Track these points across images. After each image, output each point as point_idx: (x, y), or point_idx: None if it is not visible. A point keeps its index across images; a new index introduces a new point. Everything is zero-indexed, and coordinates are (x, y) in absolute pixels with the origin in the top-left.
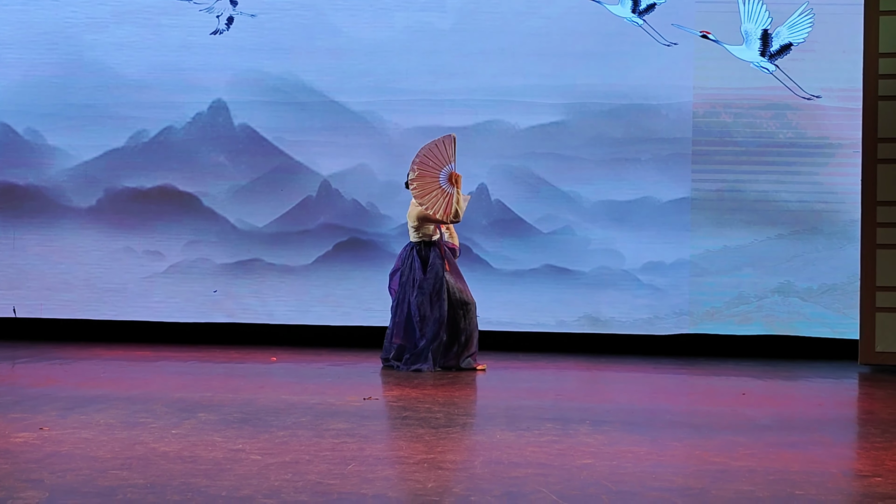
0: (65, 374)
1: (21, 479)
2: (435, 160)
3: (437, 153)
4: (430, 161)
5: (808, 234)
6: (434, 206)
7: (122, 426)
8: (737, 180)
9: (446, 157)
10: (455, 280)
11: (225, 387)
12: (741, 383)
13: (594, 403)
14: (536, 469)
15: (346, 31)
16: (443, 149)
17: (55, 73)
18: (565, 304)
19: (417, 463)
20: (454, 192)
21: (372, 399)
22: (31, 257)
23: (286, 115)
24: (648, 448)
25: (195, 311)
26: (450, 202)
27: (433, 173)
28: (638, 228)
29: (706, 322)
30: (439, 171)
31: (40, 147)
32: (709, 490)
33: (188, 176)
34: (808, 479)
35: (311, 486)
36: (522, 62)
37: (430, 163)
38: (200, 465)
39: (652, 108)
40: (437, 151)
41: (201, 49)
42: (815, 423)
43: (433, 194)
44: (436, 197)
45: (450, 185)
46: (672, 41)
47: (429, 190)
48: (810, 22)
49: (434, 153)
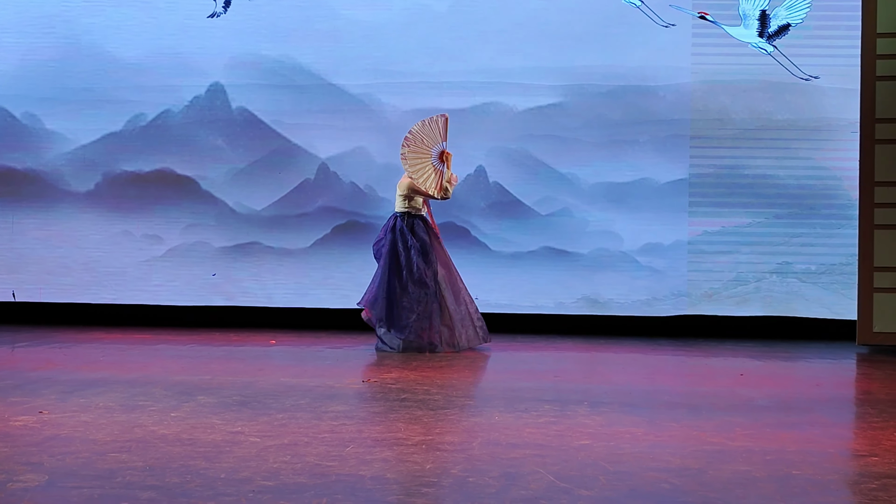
0: (64, 358)
1: (21, 463)
2: (427, 137)
3: (430, 131)
4: (423, 137)
5: (806, 214)
6: (426, 183)
7: (122, 409)
8: (735, 161)
9: (438, 136)
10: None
11: (224, 370)
12: (739, 364)
13: (592, 385)
14: (534, 450)
15: (344, 14)
16: (435, 127)
17: (52, 56)
18: (564, 285)
19: (415, 444)
20: (444, 169)
21: (371, 381)
22: (30, 241)
23: (284, 97)
24: (646, 429)
25: (194, 294)
26: (440, 179)
27: (425, 150)
28: (636, 210)
29: (704, 303)
30: (430, 149)
31: (38, 131)
32: (706, 470)
33: (186, 159)
34: (805, 459)
35: (309, 467)
36: (520, 44)
37: (423, 139)
38: (199, 448)
39: (650, 89)
40: (429, 129)
41: (199, 32)
42: (813, 403)
43: (425, 170)
44: (427, 173)
45: (440, 163)
46: (670, 22)
47: (421, 166)
48: (808, 2)
49: (426, 131)
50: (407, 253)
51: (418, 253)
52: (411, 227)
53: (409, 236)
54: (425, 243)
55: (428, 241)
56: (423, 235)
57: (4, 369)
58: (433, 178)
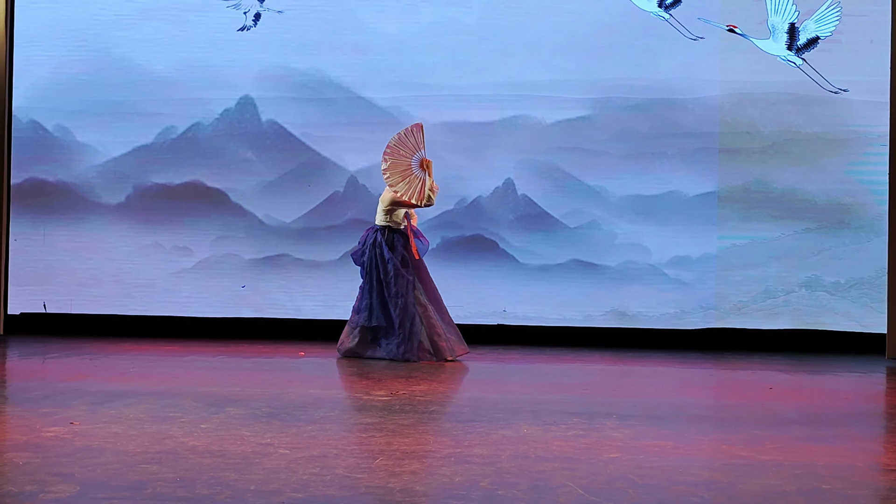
0: (94, 369)
1: (52, 473)
2: (405, 148)
3: (407, 141)
4: (401, 149)
5: (835, 227)
6: (409, 192)
7: (152, 421)
8: (763, 174)
9: (416, 145)
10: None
11: (253, 381)
12: (768, 377)
13: (620, 398)
14: (563, 463)
15: (372, 27)
16: (412, 137)
17: (84, 70)
18: (592, 298)
19: (444, 457)
20: (426, 177)
21: (399, 394)
22: (61, 253)
23: (313, 110)
24: (675, 442)
25: (223, 306)
26: (423, 187)
27: (405, 160)
28: (664, 223)
29: (733, 316)
30: (411, 158)
31: (69, 144)
32: (735, 484)
33: (216, 172)
34: (834, 473)
35: (338, 479)
36: (548, 57)
37: (401, 151)
38: (229, 460)
39: (678, 102)
40: (406, 140)
41: (229, 45)
42: (843, 417)
43: (406, 180)
44: (409, 182)
45: (421, 171)
46: (698, 35)
47: (403, 176)
48: (837, 15)
49: (403, 141)
50: (385, 267)
51: (397, 268)
52: (391, 241)
53: (387, 251)
54: (404, 258)
55: (407, 255)
56: (401, 250)
57: (35, 380)
58: (416, 186)
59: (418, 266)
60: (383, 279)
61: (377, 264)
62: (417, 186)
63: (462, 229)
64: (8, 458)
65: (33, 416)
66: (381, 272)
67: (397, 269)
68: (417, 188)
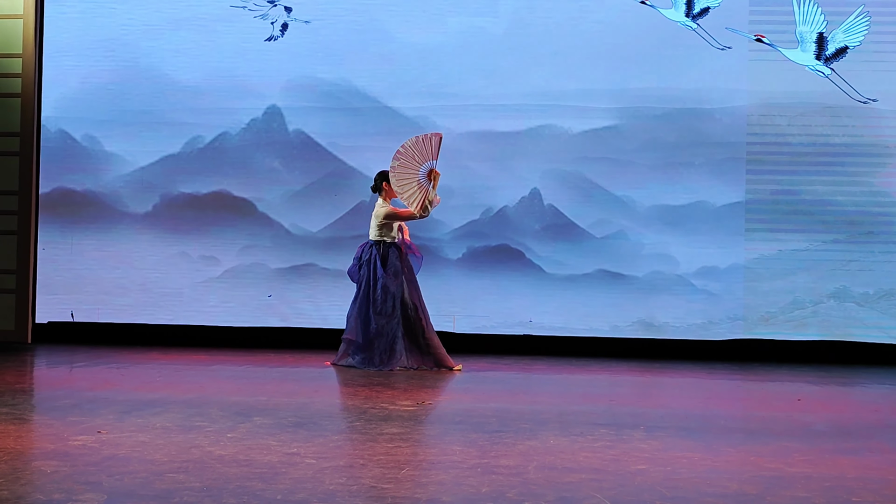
0: (122, 378)
1: (80, 482)
2: (419, 154)
3: (422, 148)
4: (415, 154)
5: (864, 238)
6: (410, 198)
7: (179, 430)
8: (792, 185)
9: (431, 154)
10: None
11: (279, 391)
12: (796, 389)
13: (648, 409)
14: (590, 474)
15: (399, 37)
16: (429, 144)
17: (112, 79)
18: (619, 308)
19: (471, 468)
20: (430, 188)
21: (425, 404)
22: (88, 262)
23: (340, 120)
24: (703, 454)
25: (250, 315)
26: (423, 197)
27: (416, 165)
28: (692, 233)
29: (761, 327)
30: (421, 165)
31: (97, 153)
32: (764, 496)
33: (243, 181)
34: (864, 486)
35: (365, 490)
36: (575, 66)
37: (415, 156)
38: (256, 469)
39: (706, 112)
40: (421, 146)
41: (256, 55)
42: (872, 429)
43: (411, 186)
44: (412, 189)
45: (427, 181)
46: (726, 45)
47: (407, 180)
48: (866, 25)
49: (419, 147)
50: (376, 284)
51: (385, 287)
52: (385, 256)
53: (380, 269)
54: (398, 271)
55: (400, 268)
56: (396, 262)
57: (63, 389)
58: (417, 194)
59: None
60: (371, 296)
61: (369, 279)
62: (418, 195)
63: (488, 239)
64: (36, 466)
65: (61, 424)
66: (370, 289)
67: (386, 287)
68: (418, 197)
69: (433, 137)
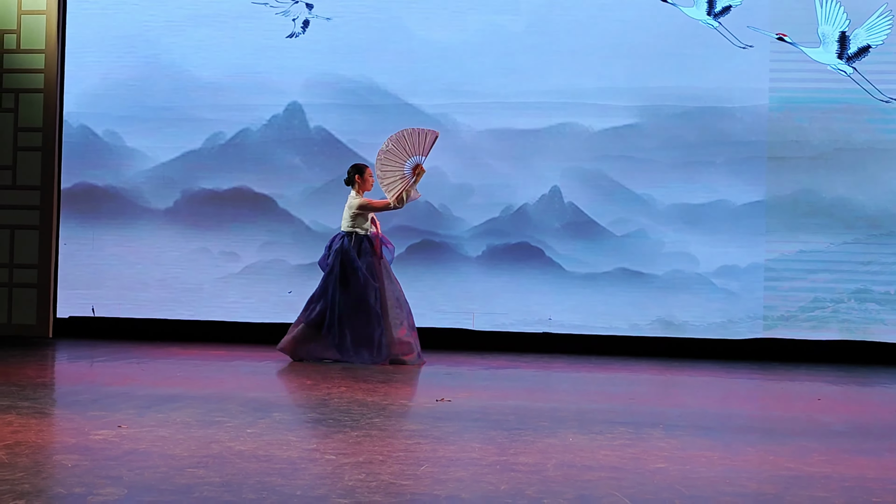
0: (142, 373)
1: (100, 476)
2: (411, 146)
3: (416, 140)
4: (407, 144)
5: (885, 238)
6: (389, 186)
7: (199, 425)
8: (813, 184)
9: (422, 149)
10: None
11: (299, 386)
12: (816, 388)
13: (667, 407)
14: (609, 472)
15: (420, 34)
16: (423, 139)
17: (133, 75)
18: (638, 307)
19: (490, 465)
20: (412, 182)
21: (445, 401)
22: (109, 257)
23: (360, 117)
24: (722, 453)
25: (269, 311)
26: (403, 189)
27: (403, 156)
28: (712, 232)
29: (781, 326)
30: (409, 158)
31: (119, 149)
32: (783, 496)
33: (264, 178)
34: (884, 487)
35: (384, 486)
36: (596, 64)
37: (405, 146)
38: (275, 465)
39: (727, 110)
40: (415, 138)
41: (277, 52)
42: (892, 429)
43: (394, 175)
44: (394, 178)
45: (411, 174)
46: (747, 43)
47: (391, 169)
48: (889, 24)
49: (413, 138)
50: (355, 275)
51: (366, 277)
52: (358, 247)
53: (355, 258)
54: (371, 264)
55: (372, 261)
56: (368, 256)
57: (83, 384)
58: (397, 184)
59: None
60: (352, 288)
61: (345, 270)
62: (398, 186)
63: (508, 237)
64: (57, 460)
65: (82, 419)
66: (349, 280)
67: (366, 278)
68: (398, 188)
69: (429, 134)
